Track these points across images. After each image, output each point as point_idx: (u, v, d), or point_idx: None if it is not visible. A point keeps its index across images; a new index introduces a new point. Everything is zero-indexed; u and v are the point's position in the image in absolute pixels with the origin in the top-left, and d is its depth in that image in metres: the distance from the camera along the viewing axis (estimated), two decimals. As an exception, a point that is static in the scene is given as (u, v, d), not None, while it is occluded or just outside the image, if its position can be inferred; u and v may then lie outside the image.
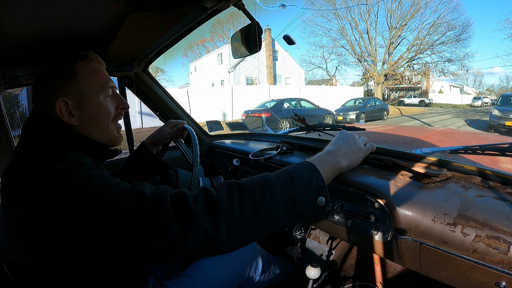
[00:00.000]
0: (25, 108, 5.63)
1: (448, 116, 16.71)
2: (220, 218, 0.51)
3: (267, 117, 10.26)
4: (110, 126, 0.73)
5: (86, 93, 0.68)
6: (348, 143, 0.75)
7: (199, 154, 0.80)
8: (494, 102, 20.32)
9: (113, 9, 0.74)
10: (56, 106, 0.64)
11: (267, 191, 0.56)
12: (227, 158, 1.33)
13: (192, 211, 0.50)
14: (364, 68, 26.59)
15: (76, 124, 0.67)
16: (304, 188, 0.59)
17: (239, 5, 0.83)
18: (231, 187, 0.56)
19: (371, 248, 0.74)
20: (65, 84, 0.66)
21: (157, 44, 1.15)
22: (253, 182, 0.58)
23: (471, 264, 0.54)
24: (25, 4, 0.64)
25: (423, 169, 0.73)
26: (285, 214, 0.57)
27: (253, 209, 0.54)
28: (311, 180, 0.61)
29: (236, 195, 0.54)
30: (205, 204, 0.52)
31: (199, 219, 0.50)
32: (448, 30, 23.77)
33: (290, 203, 0.57)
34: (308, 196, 0.59)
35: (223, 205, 0.52)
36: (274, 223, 0.56)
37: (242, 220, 0.52)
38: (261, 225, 0.54)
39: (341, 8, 24.81)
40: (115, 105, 0.75)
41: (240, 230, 0.52)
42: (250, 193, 0.55)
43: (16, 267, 0.58)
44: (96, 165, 0.64)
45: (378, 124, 9.46)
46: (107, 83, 0.72)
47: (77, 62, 0.68)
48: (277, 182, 0.58)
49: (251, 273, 1.02)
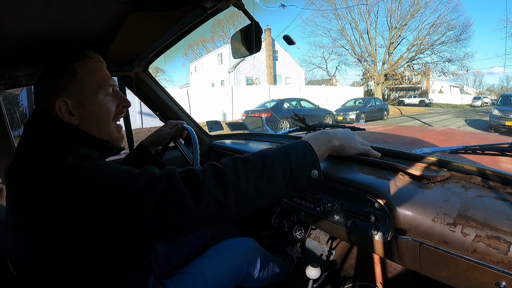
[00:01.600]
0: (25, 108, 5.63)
1: (448, 116, 16.71)
2: (228, 187, 0.56)
3: (267, 117, 10.26)
4: (110, 125, 0.74)
5: (85, 92, 0.68)
6: (345, 132, 0.81)
7: (199, 154, 0.80)
8: (494, 102, 20.32)
9: (113, 9, 0.75)
10: (56, 106, 0.65)
11: (268, 164, 0.62)
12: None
13: (203, 182, 0.55)
14: (364, 68, 26.59)
15: (76, 123, 0.67)
16: (299, 162, 0.65)
17: (239, 5, 0.83)
18: (236, 161, 0.61)
19: (371, 248, 0.74)
20: (65, 84, 0.67)
21: (157, 44, 1.15)
22: (255, 156, 0.63)
23: (471, 264, 0.54)
24: (25, 4, 0.64)
25: (419, 171, 0.73)
26: (284, 184, 0.62)
27: (256, 179, 0.59)
28: (306, 155, 0.66)
29: (241, 167, 0.59)
30: (213, 175, 0.57)
31: (209, 189, 0.55)
32: (448, 30, 23.78)
33: (288, 174, 0.63)
34: (303, 169, 0.65)
35: (229, 176, 0.57)
36: (275, 192, 0.62)
37: (246, 188, 0.58)
38: (263, 193, 0.60)
39: (341, 8, 24.83)
40: (115, 103, 0.75)
41: (245, 197, 0.58)
42: (253, 166, 0.60)
43: (23, 263, 0.59)
44: (101, 157, 0.66)
45: (378, 124, 9.47)
46: (107, 81, 0.72)
47: (76, 62, 0.69)
48: (276, 157, 0.64)
49: (249, 269, 1.02)
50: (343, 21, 25.27)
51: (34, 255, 0.57)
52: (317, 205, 0.86)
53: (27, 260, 0.59)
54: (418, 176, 0.73)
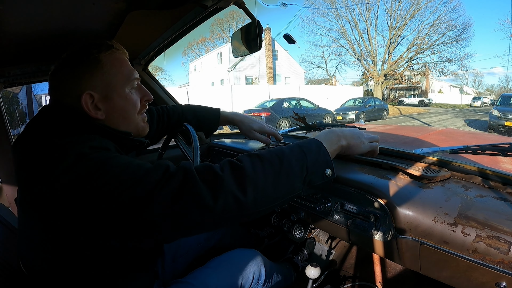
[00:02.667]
0: (24, 107, 5.62)
1: (447, 116, 16.72)
2: (247, 184, 0.54)
3: (267, 117, 10.27)
4: (136, 118, 0.72)
5: (112, 85, 0.65)
6: (352, 131, 0.80)
7: (199, 153, 0.80)
8: (494, 102, 20.34)
9: (113, 7, 0.74)
10: (82, 100, 0.61)
11: (285, 161, 0.61)
12: (226, 157, 1.32)
13: (221, 178, 0.53)
14: (364, 67, 26.61)
15: (103, 118, 0.64)
16: (314, 160, 0.64)
17: (240, 3, 0.82)
18: (253, 157, 0.60)
19: (371, 248, 0.74)
20: (90, 76, 0.63)
21: (157, 43, 1.15)
22: (271, 153, 0.62)
23: (472, 264, 0.53)
24: (25, 3, 0.63)
25: (419, 172, 0.73)
26: (301, 182, 0.62)
27: (275, 177, 0.58)
28: (319, 153, 0.66)
29: (258, 164, 0.58)
30: (232, 172, 0.55)
31: (228, 185, 0.53)
32: (448, 30, 23.83)
33: (304, 172, 0.62)
34: (318, 167, 0.65)
35: (248, 173, 0.56)
36: (293, 190, 0.61)
37: (265, 186, 0.56)
38: (282, 192, 0.59)
39: (341, 7, 24.82)
40: (140, 96, 0.73)
41: (264, 195, 0.56)
42: (270, 163, 0.59)
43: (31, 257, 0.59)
44: (118, 151, 0.63)
45: (377, 124, 9.47)
46: (133, 74, 0.69)
47: (102, 53, 0.64)
48: (292, 154, 0.63)
49: (253, 284, 0.99)
50: (343, 20, 25.32)
51: (42, 249, 0.56)
52: (317, 205, 0.86)
53: (35, 255, 0.58)
54: (418, 176, 0.73)
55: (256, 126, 1.14)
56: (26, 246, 0.60)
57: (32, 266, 0.60)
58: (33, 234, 0.57)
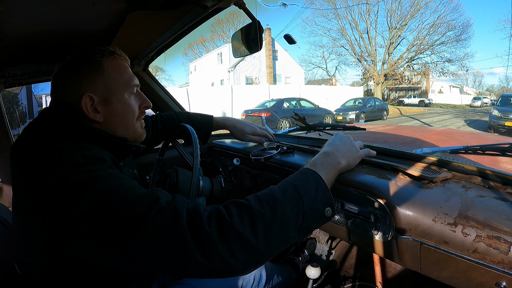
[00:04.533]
0: (24, 107, 5.62)
1: (447, 116, 16.72)
2: (235, 244, 0.48)
3: (267, 117, 10.26)
4: (135, 123, 0.72)
5: (112, 89, 0.66)
6: (346, 144, 0.77)
7: (199, 154, 0.80)
8: (494, 102, 20.33)
9: (113, 8, 0.74)
10: (82, 101, 0.62)
11: (278, 211, 0.53)
12: (227, 158, 1.33)
13: (208, 235, 0.48)
14: (364, 68, 26.61)
15: (101, 121, 0.65)
16: (312, 201, 0.57)
17: (240, 4, 0.83)
18: (241, 209, 0.53)
19: (371, 248, 0.74)
20: (92, 79, 0.64)
21: (157, 43, 1.15)
22: (262, 203, 0.54)
23: (472, 264, 0.54)
24: (25, 3, 0.64)
25: (419, 172, 0.73)
26: (296, 231, 0.55)
27: (267, 232, 0.51)
28: (318, 191, 0.59)
29: (246, 218, 0.51)
30: (219, 228, 0.49)
31: (215, 244, 0.47)
32: (448, 30, 23.85)
33: (300, 219, 0.55)
34: (316, 209, 0.58)
35: (238, 230, 0.49)
36: (287, 242, 0.55)
37: (256, 245, 0.50)
38: (275, 246, 0.53)
39: (341, 7, 24.83)
40: (138, 103, 0.73)
41: (255, 254, 0.50)
42: (261, 216, 0.52)
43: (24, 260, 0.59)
44: (115, 162, 0.62)
45: (378, 124, 9.46)
46: (133, 81, 0.71)
47: (104, 57, 0.66)
48: (286, 200, 0.56)
49: (253, 286, 0.99)
50: (343, 20, 25.34)
51: (34, 253, 0.56)
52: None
53: (30, 259, 0.58)
54: (418, 176, 0.73)
55: (248, 129, 1.15)
56: (20, 250, 0.60)
57: (28, 270, 0.60)
58: (27, 239, 0.57)
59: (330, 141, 0.77)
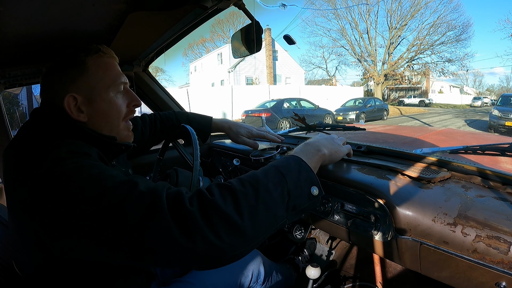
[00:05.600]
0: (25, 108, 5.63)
1: (448, 116, 16.71)
2: (219, 224, 0.47)
3: (267, 117, 10.26)
4: (120, 123, 0.71)
5: (96, 88, 0.66)
6: (326, 138, 0.78)
7: (199, 154, 0.80)
8: (494, 102, 20.32)
9: (113, 8, 0.74)
10: (65, 101, 0.62)
11: (261, 189, 0.53)
12: (227, 158, 1.33)
13: (190, 214, 0.46)
14: (364, 68, 26.60)
15: (85, 120, 0.65)
16: (295, 180, 0.57)
17: (240, 4, 0.83)
18: (223, 190, 0.52)
19: (371, 248, 0.74)
20: (75, 78, 0.64)
21: (157, 44, 1.15)
22: (243, 183, 0.53)
23: (471, 264, 0.54)
24: (25, 4, 0.64)
25: (418, 173, 0.73)
26: (284, 209, 0.54)
27: (251, 211, 0.50)
28: (300, 171, 0.60)
29: (229, 198, 0.50)
30: (200, 207, 0.48)
31: (198, 224, 0.46)
32: (448, 30, 23.82)
33: (285, 197, 0.55)
34: (302, 188, 0.58)
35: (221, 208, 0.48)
36: (276, 221, 0.54)
37: (242, 225, 0.48)
38: (263, 226, 0.51)
39: (341, 8, 24.83)
40: (126, 101, 0.72)
41: (242, 235, 0.48)
42: (244, 195, 0.51)
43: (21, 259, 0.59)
44: (101, 157, 0.62)
45: (378, 124, 9.47)
46: (119, 78, 0.69)
47: (89, 56, 0.66)
48: (268, 179, 0.55)
49: (252, 283, 0.99)
50: (343, 21, 25.33)
51: (28, 251, 0.56)
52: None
53: (27, 258, 0.58)
54: (417, 177, 0.73)
55: (243, 131, 1.15)
56: (17, 249, 0.61)
57: (25, 268, 0.60)
58: (20, 238, 0.57)
59: (313, 137, 0.79)
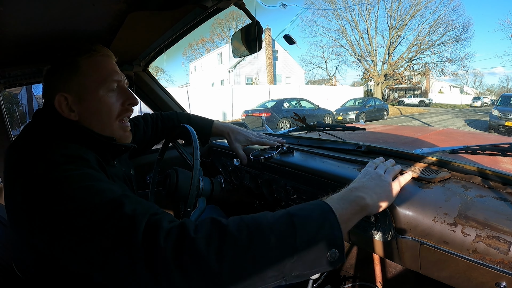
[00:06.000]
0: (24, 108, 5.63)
1: (448, 116, 16.72)
2: (191, 267, 0.41)
3: (267, 117, 10.26)
4: (113, 123, 0.69)
5: (86, 87, 0.65)
6: (373, 179, 0.63)
7: (199, 154, 0.80)
8: (494, 102, 20.32)
9: (113, 8, 0.74)
10: (55, 101, 0.63)
11: (256, 239, 0.44)
12: (227, 158, 1.33)
13: (161, 250, 0.42)
14: (364, 68, 26.62)
15: (76, 119, 0.65)
16: (310, 237, 0.46)
17: (240, 4, 0.83)
18: (213, 226, 0.45)
19: (371, 248, 0.74)
20: (66, 78, 0.65)
21: (157, 44, 1.15)
22: (240, 225, 0.46)
23: (471, 264, 0.53)
24: (25, 4, 0.64)
25: (416, 173, 0.73)
26: (279, 270, 0.44)
27: (234, 261, 0.42)
28: (323, 227, 0.47)
29: (215, 240, 0.43)
30: (176, 243, 0.42)
31: (166, 261, 0.41)
32: (448, 30, 23.87)
33: (287, 258, 0.44)
34: (314, 249, 0.45)
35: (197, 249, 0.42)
36: (264, 282, 0.44)
37: (219, 273, 0.41)
38: (245, 283, 0.43)
39: (341, 8, 24.84)
40: (121, 100, 0.70)
41: (216, 285, 0.42)
42: (233, 241, 0.43)
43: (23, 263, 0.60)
44: (100, 163, 0.61)
45: (378, 124, 9.47)
46: (111, 76, 0.68)
47: (80, 56, 0.66)
48: (273, 229, 0.45)
49: None
50: (343, 21, 25.34)
51: (24, 252, 0.57)
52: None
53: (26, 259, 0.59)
54: (416, 178, 0.73)
55: (242, 138, 1.10)
56: (16, 250, 0.61)
57: (25, 269, 0.61)
58: (19, 240, 0.58)
59: (357, 177, 0.66)
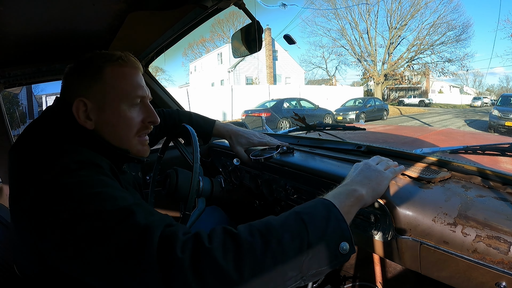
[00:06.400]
0: (24, 108, 5.63)
1: (448, 116, 16.73)
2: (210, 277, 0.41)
3: (267, 117, 10.27)
4: (131, 138, 0.67)
5: (109, 98, 0.63)
6: (362, 171, 0.66)
7: (199, 157, 0.80)
8: (494, 102, 20.32)
9: (113, 8, 0.75)
10: (74, 105, 0.61)
11: (271, 240, 0.44)
12: (227, 158, 1.33)
13: (178, 261, 0.41)
14: (364, 68, 26.63)
15: (91, 128, 0.62)
16: (321, 231, 0.47)
17: (240, 4, 0.83)
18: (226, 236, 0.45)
19: (371, 248, 0.74)
20: (89, 84, 0.62)
21: (157, 44, 1.15)
22: (251, 230, 0.45)
23: (471, 264, 0.53)
24: (25, 4, 0.64)
25: (416, 173, 0.73)
26: (298, 269, 0.44)
27: (254, 268, 0.42)
28: (330, 219, 0.49)
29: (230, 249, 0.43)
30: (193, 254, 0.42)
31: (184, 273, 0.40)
32: (448, 30, 23.88)
33: (304, 255, 0.45)
34: (328, 242, 0.47)
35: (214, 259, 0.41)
36: (284, 284, 0.44)
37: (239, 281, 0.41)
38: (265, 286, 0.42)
39: (341, 8, 24.85)
40: (141, 116, 0.67)
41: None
42: (250, 248, 0.43)
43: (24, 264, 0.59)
44: (113, 170, 0.59)
45: (378, 124, 9.47)
46: (135, 91, 0.65)
47: (107, 63, 0.63)
48: (285, 229, 0.46)
49: None
50: (343, 21, 25.36)
51: (29, 255, 0.56)
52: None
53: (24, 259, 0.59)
54: (417, 178, 0.73)
55: (243, 141, 1.09)
56: (17, 251, 0.61)
57: (25, 271, 0.60)
58: (21, 241, 0.57)
59: (348, 175, 0.68)
